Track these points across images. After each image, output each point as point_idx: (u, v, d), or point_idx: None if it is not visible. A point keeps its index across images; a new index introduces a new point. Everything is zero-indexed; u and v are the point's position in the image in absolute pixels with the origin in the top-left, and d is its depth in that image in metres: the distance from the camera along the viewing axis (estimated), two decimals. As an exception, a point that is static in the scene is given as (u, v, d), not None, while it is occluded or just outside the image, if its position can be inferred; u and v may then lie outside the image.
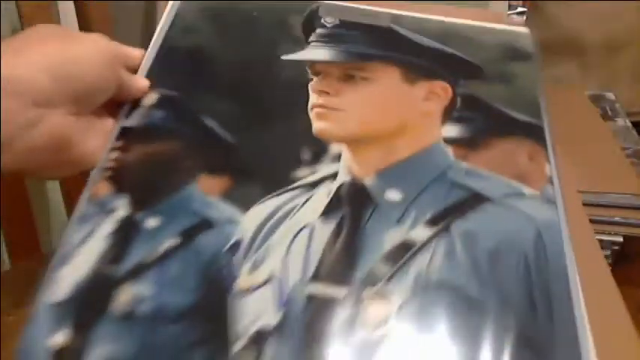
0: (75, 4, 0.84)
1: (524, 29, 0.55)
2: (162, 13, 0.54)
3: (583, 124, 0.75)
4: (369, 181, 0.42)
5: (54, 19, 0.83)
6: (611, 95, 0.88)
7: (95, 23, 0.83)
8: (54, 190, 0.98)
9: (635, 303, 0.54)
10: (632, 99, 1.03)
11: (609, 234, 0.57)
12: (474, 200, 0.41)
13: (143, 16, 1.13)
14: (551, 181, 0.44)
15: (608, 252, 0.57)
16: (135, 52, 0.47)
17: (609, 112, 0.81)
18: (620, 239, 0.57)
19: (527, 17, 1.15)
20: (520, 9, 1.19)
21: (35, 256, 0.78)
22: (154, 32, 0.51)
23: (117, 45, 0.44)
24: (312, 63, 0.46)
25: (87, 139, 0.41)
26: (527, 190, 0.42)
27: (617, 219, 0.57)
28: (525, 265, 0.38)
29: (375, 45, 0.47)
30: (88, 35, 0.42)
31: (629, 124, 0.79)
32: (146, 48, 0.49)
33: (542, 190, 0.43)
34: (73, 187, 0.83)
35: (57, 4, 0.96)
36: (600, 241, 0.56)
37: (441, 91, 0.46)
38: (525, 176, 0.44)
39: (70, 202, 0.84)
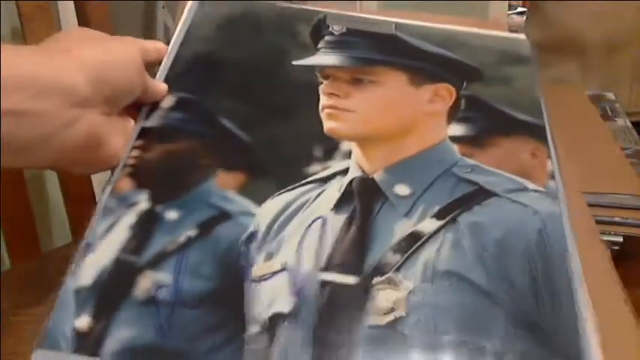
0: (75, 4, 0.84)
1: (522, 36, 0.58)
2: (161, 14, 0.55)
3: (583, 124, 0.75)
4: (378, 176, 0.45)
5: (54, 19, 0.84)
6: (611, 95, 0.88)
7: (95, 23, 0.83)
8: (54, 190, 0.98)
9: (635, 303, 0.54)
10: (632, 99, 1.03)
11: (609, 234, 0.57)
12: (479, 194, 0.44)
13: (143, 16, 1.13)
14: (553, 177, 0.46)
15: (608, 252, 0.57)
16: (154, 45, 0.50)
17: (609, 112, 0.82)
18: (620, 239, 0.57)
19: (527, 17, 1.15)
20: (520, 9, 1.20)
21: (35, 256, 0.78)
22: (153, 32, 0.52)
23: (141, 43, 0.47)
24: (322, 68, 0.49)
25: (113, 138, 0.44)
26: (530, 185, 0.45)
27: (617, 219, 0.57)
28: (529, 254, 0.41)
29: (381, 51, 0.51)
30: (121, 39, 0.45)
31: (629, 124, 0.79)
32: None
33: (545, 185, 0.45)
34: (73, 187, 0.83)
35: (57, 4, 0.96)
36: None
37: (445, 93, 0.49)
38: (528, 172, 0.46)
39: (70, 202, 0.84)
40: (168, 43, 0.53)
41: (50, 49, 0.41)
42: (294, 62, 0.51)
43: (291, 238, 0.42)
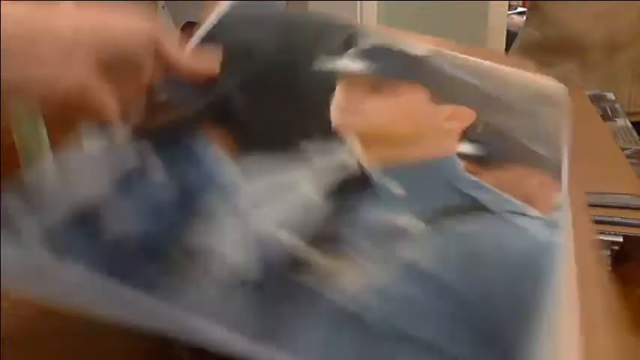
0: None
1: (560, 85, 0.58)
2: (161, 14, 0.54)
3: (583, 124, 0.75)
4: (374, 171, 0.44)
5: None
6: (611, 95, 0.88)
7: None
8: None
9: (635, 303, 0.54)
10: (632, 99, 1.03)
11: (609, 234, 0.57)
12: (474, 208, 0.42)
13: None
14: (557, 209, 0.43)
15: (608, 252, 0.57)
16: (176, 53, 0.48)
17: (609, 112, 0.82)
18: (620, 239, 0.57)
19: (527, 17, 1.15)
20: (520, 9, 1.19)
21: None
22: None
23: (161, 33, 0.46)
24: (347, 73, 0.50)
25: (111, 103, 0.44)
26: (531, 211, 0.43)
27: (617, 219, 0.57)
28: (516, 273, 0.39)
29: (407, 69, 0.51)
30: (134, 10, 0.44)
31: (629, 124, 0.79)
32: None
33: (546, 214, 0.43)
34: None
35: (57, 5, 0.95)
36: (600, 241, 0.56)
37: (464, 115, 0.48)
38: (532, 200, 0.44)
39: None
40: None
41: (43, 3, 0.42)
42: (317, 63, 0.51)
43: (270, 214, 0.41)
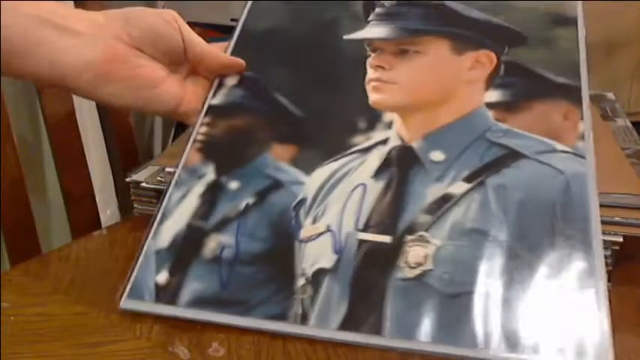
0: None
1: None
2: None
3: (583, 124, 0.75)
4: (416, 144, 0.50)
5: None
6: (611, 95, 0.88)
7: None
8: (54, 190, 0.98)
9: (635, 303, 0.54)
10: (632, 99, 1.03)
11: (609, 234, 0.57)
12: (509, 157, 0.48)
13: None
14: (583, 138, 0.50)
15: (609, 252, 0.57)
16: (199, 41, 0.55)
17: (609, 112, 0.82)
18: (620, 239, 0.56)
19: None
20: (520, 9, 1.19)
21: (35, 256, 0.78)
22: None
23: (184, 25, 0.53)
24: (371, 41, 0.55)
25: (165, 83, 0.52)
26: (559, 146, 0.49)
27: (617, 219, 0.57)
28: (552, 214, 0.45)
29: (428, 21, 0.55)
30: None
31: (629, 124, 0.79)
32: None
33: (574, 146, 0.49)
34: (73, 187, 0.83)
35: (57, 4, 0.95)
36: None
37: (486, 60, 0.53)
38: (559, 134, 0.49)
39: (70, 202, 0.84)
40: None
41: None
42: (345, 37, 0.56)
43: (335, 203, 0.48)
